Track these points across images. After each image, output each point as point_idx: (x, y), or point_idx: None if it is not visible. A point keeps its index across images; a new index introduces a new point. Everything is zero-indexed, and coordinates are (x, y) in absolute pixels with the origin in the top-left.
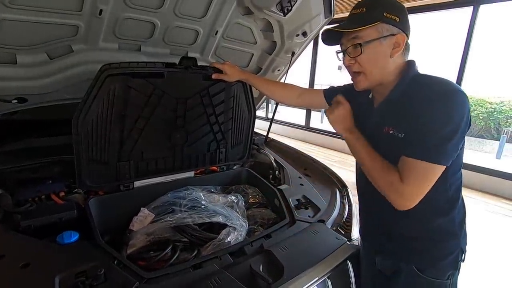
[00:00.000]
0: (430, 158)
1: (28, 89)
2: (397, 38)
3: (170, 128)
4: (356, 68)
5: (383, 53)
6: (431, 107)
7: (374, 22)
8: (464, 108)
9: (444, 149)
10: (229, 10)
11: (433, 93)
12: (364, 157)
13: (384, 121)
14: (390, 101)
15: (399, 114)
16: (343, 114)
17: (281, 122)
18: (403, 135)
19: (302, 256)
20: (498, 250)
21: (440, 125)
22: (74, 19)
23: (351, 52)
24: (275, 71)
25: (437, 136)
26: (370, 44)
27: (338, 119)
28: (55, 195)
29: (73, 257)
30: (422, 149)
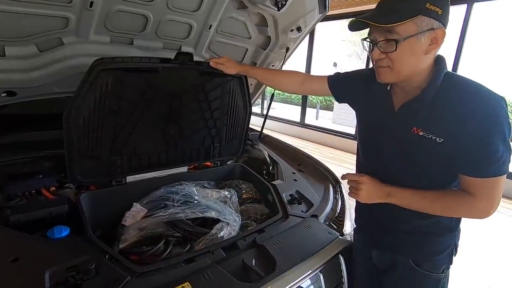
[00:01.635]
0: (499, 172)
1: (17, 82)
2: (436, 33)
3: (164, 123)
4: (386, 63)
5: (419, 49)
6: (482, 116)
7: (415, 16)
8: (507, 112)
9: (508, 158)
10: (223, 4)
11: (476, 100)
12: (427, 204)
13: (412, 122)
14: (422, 100)
15: (431, 115)
16: (369, 188)
17: (276, 118)
18: (443, 141)
19: (295, 250)
20: (489, 247)
21: (497, 138)
22: (64, 11)
23: (383, 47)
24: (270, 66)
25: (499, 150)
26: (407, 40)
27: (371, 196)
28: (46, 190)
29: (63, 252)
30: (489, 166)
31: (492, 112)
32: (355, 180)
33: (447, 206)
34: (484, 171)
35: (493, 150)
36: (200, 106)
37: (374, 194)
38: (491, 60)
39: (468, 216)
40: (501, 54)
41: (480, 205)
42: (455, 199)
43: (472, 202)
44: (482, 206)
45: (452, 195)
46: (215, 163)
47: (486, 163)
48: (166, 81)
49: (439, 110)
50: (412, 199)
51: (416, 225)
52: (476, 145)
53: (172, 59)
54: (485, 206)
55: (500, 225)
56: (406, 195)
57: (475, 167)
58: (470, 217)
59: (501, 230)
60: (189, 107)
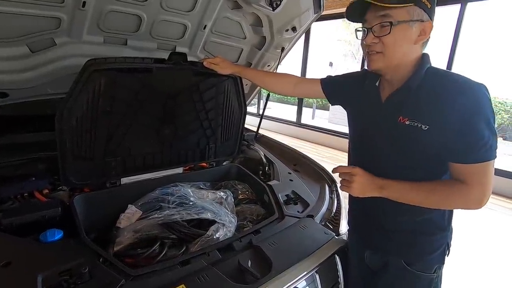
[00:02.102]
0: (488, 158)
1: (9, 83)
2: (425, 25)
3: (158, 123)
4: (379, 48)
5: (409, 37)
6: (464, 101)
7: (409, 3)
8: (489, 97)
9: (495, 144)
10: (217, 4)
11: (458, 86)
12: (420, 197)
13: (398, 111)
14: (406, 90)
15: (416, 104)
16: (362, 181)
17: (272, 118)
18: (428, 128)
19: (291, 251)
20: (482, 244)
21: (481, 122)
22: (56, 11)
23: (377, 31)
24: (265, 66)
25: (484, 135)
26: (400, 25)
27: (363, 189)
28: (39, 193)
29: (56, 256)
30: (476, 151)
31: (474, 97)
32: (348, 173)
33: (441, 197)
34: (472, 157)
35: (478, 135)
36: (195, 106)
37: (367, 186)
38: (485, 58)
39: (463, 206)
40: (494, 52)
41: (472, 193)
42: (449, 189)
43: (465, 190)
44: (474, 194)
45: (445, 185)
46: (210, 164)
47: (473, 149)
48: (160, 82)
49: (423, 99)
50: (405, 192)
51: (407, 224)
52: (461, 130)
53: (166, 59)
54: (478, 194)
55: (494, 223)
56: (399, 188)
57: (462, 153)
58: (464, 208)
59: (495, 227)
60: (183, 107)
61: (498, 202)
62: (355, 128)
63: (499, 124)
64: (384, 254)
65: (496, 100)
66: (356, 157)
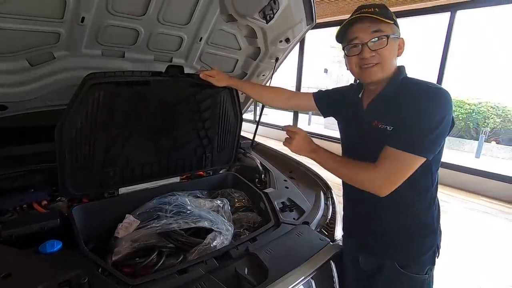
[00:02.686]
0: (410, 149)
1: (8, 96)
2: (400, 41)
3: (156, 134)
4: (376, 59)
5: (395, 51)
6: (417, 102)
7: (393, 21)
8: (447, 105)
9: (426, 142)
10: (212, 17)
11: (420, 91)
12: (336, 166)
13: (374, 116)
14: (381, 97)
15: (388, 109)
16: (300, 141)
17: (268, 124)
18: (392, 128)
19: (287, 258)
20: (477, 246)
21: (423, 119)
22: (56, 27)
23: (374, 45)
24: (260, 76)
25: (420, 129)
26: (392, 39)
27: (299, 147)
28: (38, 204)
29: (56, 266)
30: (404, 141)
31: (432, 98)
32: (293, 131)
33: (351, 170)
34: (396, 143)
35: (417, 127)
36: (192, 116)
37: (302, 146)
38: (476, 64)
39: (365, 184)
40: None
41: (374, 173)
42: (359, 164)
43: (370, 168)
44: (375, 174)
45: (359, 163)
46: (207, 172)
47: (400, 136)
48: (158, 93)
49: (393, 104)
50: (327, 160)
51: (399, 227)
52: (405, 122)
53: (163, 72)
54: (379, 176)
55: (490, 226)
56: (325, 155)
57: (392, 138)
58: (367, 188)
59: (491, 231)
60: (180, 118)
61: (494, 206)
62: (343, 135)
63: (492, 128)
64: (378, 257)
65: (488, 105)
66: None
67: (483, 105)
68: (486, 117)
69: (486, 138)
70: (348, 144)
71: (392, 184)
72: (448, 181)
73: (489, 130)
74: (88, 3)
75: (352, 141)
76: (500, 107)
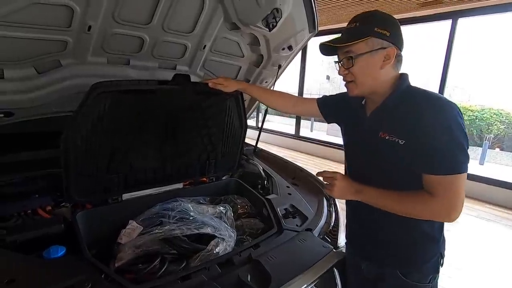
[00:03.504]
0: (454, 171)
1: (15, 103)
2: (388, 51)
3: (160, 140)
4: (349, 78)
5: (374, 65)
6: (433, 117)
7: (365, 37)
8: (460, 116)
9: (464, 157)
10: (216, 25)
11: (432, 103)
12: (387, 203)
13: (379, 127)
14: (384, 107)
15: (395, 120)
16: (342, 185)
17: (271, 131)
18: (404, 142)
19: (290, 264)
20: (483, 254)
21: (451, 136)
22: (63, 35)
23: (345, 64)
24: (263, 82)
25: (454, 147)
26: (361, 57)
27: (342, 191)
28: (42, 209)
29: (59, 272)
30: (444, 164)
31: (444, 115)
32: (330, 177)
33: (409, 206)
34: (438, 169)
35: (446, 149)
36: (197, 123)
37: (346, 190)
38: (479, 71)
39: (430, 217)
40: (489, 65)
41: (437, 205)
42: (416, 199)
43: (429, 201)
44: (439, 205)
45: (414, 195)
46: (210, 178)
47: (440, 161)
48: (163, 101)
49: (400, 115)
50: (378, 198)
51: (401, 236)
52: (431, 144)
53: (169, 81)
54: (443, 206)
55: (494, 234)
56: (373, 194)
57: (430, 164)
58: (434, 219)
59: (495, 238)
60: (185, 124)
61: (498, 213)
62: (346, 141)
63: (496, 135)
64: (380, 265)
65: (491, 111)
66: (349, 166)
67: (486, 111)
68: (490, 124)
69: (490, 144)
70: (351, 150)
71: (458, 208)
72: None
73: (493, 136)
74: (95, 12)
75: (355, 148)
76: (503, 114)
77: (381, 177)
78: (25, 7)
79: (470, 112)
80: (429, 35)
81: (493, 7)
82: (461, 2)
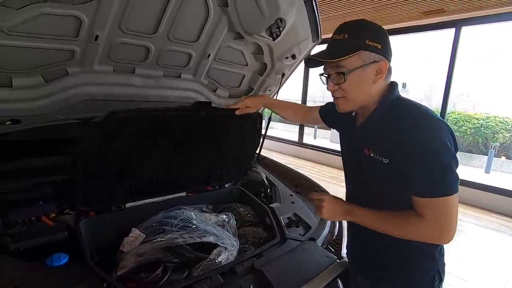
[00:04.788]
0: (446, 192)
1: (23, 111)
2: (380, 65)
3: (168, 152)
4: (339, 94)
5: (366, 79)
6: (419, 141)
7: (356, 51)
8: (448, 133)
9: (453, 177)
10: (220, 35)
11: (416, 123)
12: (378, 225)
13: (364, 142)
14: (369, 123)
15: (379, 137)
16: (331, 206)
17: (274, 138)
18: (388, 161)
19: (293, 275)
20: (489, 265)
21: (438, 159)
22: (71, 45)
23: (335, 79)
24: (266, 90)
25: (441, 170)
26: (353, 72)
27: (332, 212)
28: (46, 217)
29: (62, 280)
30: (432, 187)
31: (431, 135)
32: (318, 199)
33: (400, 228)
34: (426, 191)
35: (433, 171)
36: (209, 140)
37: (335, 211)
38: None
39: (423, 239)
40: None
41: (427, 228)
42: (406, 221)
43: (419, 224)
44: (429, 229)
45: (405, 217)
46: (213, 187)
47: (428, 183)
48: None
49: (384, 132)
50: (368, 219)
51: (393, 251)
52: (418, 166)
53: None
54: (433, 229)
55: (500, 244)
56: (363, 215)
57: (418, 186)
58: (425, 241)
59: (501, 248)
60: (196, 141)
61: (505, 223)
62: (342, 148)
63: (501, 143)
64: (373, 279)
65: (496, 119)
66: (345, 177)
67: (491, 119)
68: (495, 132)
69: (496, 153)
70: (346, 157)
71: (451, 229)
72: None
73: (499, 145)
74: (102, 23)
75: (348, 159)
76: (509, 122)
77: (370, 191)
78: (34, 17)
79: (475, 120)
80: (433, 43)
81: (496, 16)
82: (464, 11)
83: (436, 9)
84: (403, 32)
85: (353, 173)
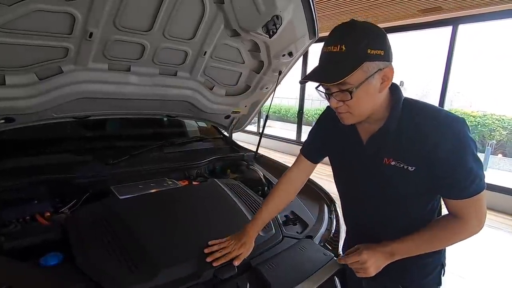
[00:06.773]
0: (480, 190)
1: (16, 109)
2: (385, 72)
3: None
4: (344, 109)
5: (373, 91)
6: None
7: (359, 65)
8: (468, 128)
9: (482, 174)
10: (217, 32)
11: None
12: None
13: (383, 152)
14: (385, 131)
15: (400, 145)
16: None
17: (272, 136)
18: (415, 169)
19: (290, 272)
20: (486, 262)
21: (467, 158)
22: (64, 42)
23: (339, 96)
24: (263, 89)
25: (473, 168)
26: (359, 88)
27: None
28: (41, 216)
29: (56, 280)
30: (468, 188)
31: (456, 135)
32: (356, 261)
33: (445, 239)
34: (466, 192)
35: (467, 171)
36: None
37: (380, 261)
38: (481, 76)
39: (464, 238)
40: (491, 70)
41: (470, 226)
42: (448, 230)
43: (463, 225)
44: (472, 226)
45: (443, 227)
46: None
47: (464, 185)
48: None
49: (405, 139)
50: (412, 249)
51: None
52: (449, 169)
53: None
54: (474, 225)
55: (497, 241)
56: (404, 247)
57: (455, 190)
58: (467, 238)
59: (498, 246)
60: None
61: (502, 220)
62: (338, 166)
63: (498, 140)
64: (381, 279)
65: (493, 117)
66: (344, 194)
67: (488, 117)
68: (492, 130)
69: (493, 150)
70: (347, 177)
71: (484, 223)
72: None
73: (495, 142)
74: (97, 19)
75: (353, 175)
76: (506, 120)
77: (387, 203)
78: (27, 14)
79: (472, 118)
80: (430, 41)
81: (493, 14)
82: (461, 9)
83: (433, 7)
84: (400, 30)
85: (368, 188)
